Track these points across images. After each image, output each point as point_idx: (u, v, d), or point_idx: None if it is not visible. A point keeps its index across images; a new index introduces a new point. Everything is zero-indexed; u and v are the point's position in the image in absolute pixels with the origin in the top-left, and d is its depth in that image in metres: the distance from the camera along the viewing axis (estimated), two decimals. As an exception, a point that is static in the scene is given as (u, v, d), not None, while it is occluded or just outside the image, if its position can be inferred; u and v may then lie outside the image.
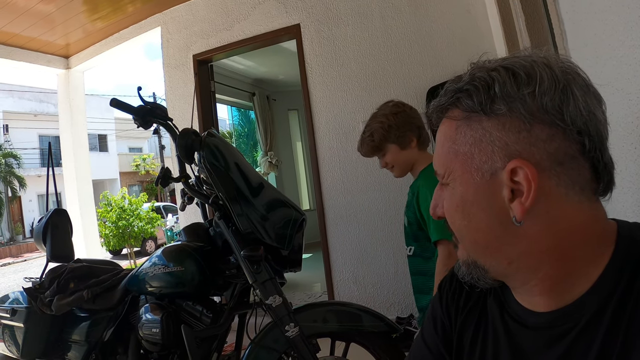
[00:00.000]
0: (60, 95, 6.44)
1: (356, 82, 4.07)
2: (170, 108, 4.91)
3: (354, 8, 4.10)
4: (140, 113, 2.08)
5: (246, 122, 10.79)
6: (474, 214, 0.76)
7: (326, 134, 4.19)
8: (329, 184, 4.18)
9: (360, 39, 4.08)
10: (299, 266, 2.20)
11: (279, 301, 1.93)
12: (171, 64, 5.05)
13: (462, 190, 0.77)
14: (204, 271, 2.08)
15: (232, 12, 4.69)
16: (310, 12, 4.29)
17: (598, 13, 1.15)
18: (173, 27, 5.08)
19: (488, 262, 0.78)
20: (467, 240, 0.80)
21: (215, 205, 2.06)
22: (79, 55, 6.13)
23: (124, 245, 12.03)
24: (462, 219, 0.78)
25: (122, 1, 4.86)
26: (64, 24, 5.18)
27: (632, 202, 1.05)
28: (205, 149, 2.02)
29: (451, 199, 0.80)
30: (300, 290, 5.82)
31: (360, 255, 4.03)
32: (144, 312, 2.10)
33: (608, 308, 0.67)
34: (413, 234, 2.05)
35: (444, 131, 0.81)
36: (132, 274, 2.30)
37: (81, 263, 2.55)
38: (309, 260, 7.41)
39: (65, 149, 6.45)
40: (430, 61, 3.82)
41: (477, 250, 0.79)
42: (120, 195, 12.07)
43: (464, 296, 0.94)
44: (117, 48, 5.73)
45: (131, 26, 5.42)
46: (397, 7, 3.94)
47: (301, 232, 2.15)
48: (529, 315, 0.78)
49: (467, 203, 0.77)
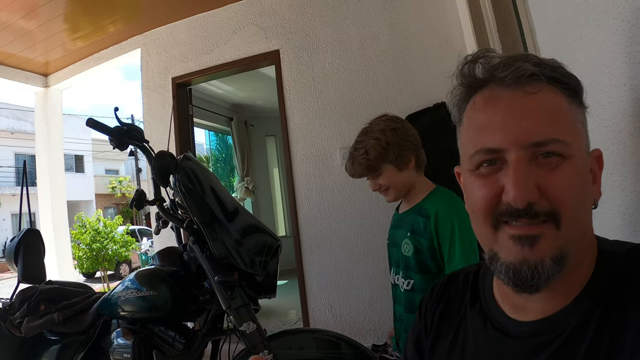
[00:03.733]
0: (37, 113, 6.35)
1: (334, 109, 4.09)
2: (148, 130, 4.88)
3: (333, 35, 4.14)
4: (117, 134, 2.06)
5: (224, 147, 10.80)
6: (588, 195, 0.75)
7: (303, 160, 4.19)
8: (305, 210, 4.17)
9: (339, 66, 4.11)
10: (274, 292, 2.15)
11: (253, 328, 1.90)
12: (150, 86, 5.04)
13: (582, 167, 0.74)
14: (177, 296, 2.05)
15: (212, 36, 4.71)
16: (289, 39, 4.32)
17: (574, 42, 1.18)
18: (153, 49, 5.07)
19: (579, 253, 0.74)
20: (579, 225, 0.73)
21: (190, 229, 2.03)
22: (58, 74, 6.08)
23: (98, 268, 11.87)
24: (582, 197, 0.73)
25: (104, 21, 4.85)
26: (44, 42, 5.14)
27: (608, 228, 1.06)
28: (181, 172, 2.00)
29: (575, 173, 0.72)
30: (275, 317, 5.77)
31: (335, 283, 4.00)
32: (116, 337, 2.06)
33: (593, 318, 0.69)
34: (419, 265, 1.83)
35: (553, 98, 0.75)
36: (105, 298, 2.26)
37: (53, 285, 2.49)
38: (285, 286, 7.37)
39: (40, 169, 6.34)
40: (408, 88, 3.86)
41: (581, 238, 0.74)
42: (95, 217, 11.93)
43: (440, 308, 0.96)
44: (96, 68, 5.68)
45: (111, 46, 5.39)
46: (375, 35, 3.99)
47: (276, 258, 2.11)
48: (513, 324, 0.79)
49: (584, 180, 0.74)
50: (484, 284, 0.92)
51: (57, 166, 6.44)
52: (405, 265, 1.88)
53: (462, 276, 0.99)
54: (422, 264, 1.83)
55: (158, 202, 2.10)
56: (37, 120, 6.40)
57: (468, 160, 0.79)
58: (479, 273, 0.97)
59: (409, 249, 1.86)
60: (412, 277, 1.85)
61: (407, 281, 1.87)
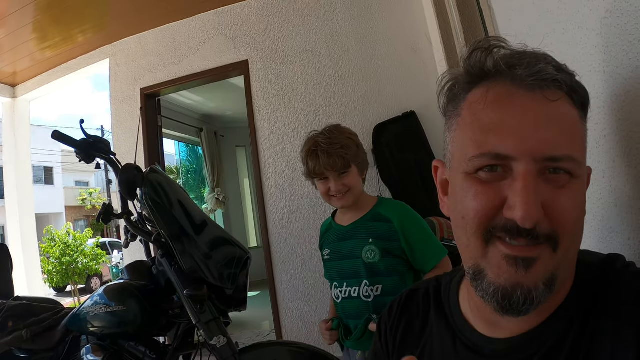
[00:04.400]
0: (4, 124, 6.21)
1: (303, 119, 4.10)
2: (116, 142, 4.84)
3: (302, 46, 4.17)
4: (83, 146, 2.04)
5: (194, 158, 10.74)
6: (584, 216, 0.70)
7: (273, 170, 4.20)
8: (275, 221, 4.16)
9: (308, 76, 4.14)
10: (244, 305, 2.15)
11: (224, 342, 1.89)
12: (118, 97, 4.99)
13: (584, 187, 0.70)
14: (146, 311, 2.02)
15: (181, 47, 4.70)
16: (258, 49, 4.33)
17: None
18: (122, 59, 5.03)
19: (567, 275, 0.70)
20: (575, 248, 0.69)
21: (158, 243, 2.01)
22: (26, 84, 5.97)
23: (68, 282, 11.70)
24: (582, 220, 0.69)
25: (72, 31, 4.80)
26: (12, 51, 5.05)
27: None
28: (147, 185, 1.98)
29: (580, 196, 0.69)
30: (248, 329, 5.72)
31: (307, 293, 4.00)
32: (85, 354, 2.03)
33: (569, 333, 0.66)
34: (388, 268, 1.85)
35: (567, 111, 0.69)
36: (73, 313, 2.22)
37: (20, 301, 2.44)
38: (257, 298, 7.36)
39: (8, 181, 6.20)
40: (377, 98, 3.90)
41: (572, 261, 0.71)
42: (64, 230, 11.76)
43: (402, 326, 0.92)
44: (65, 78, 5.61)
45: (80, 56, 5.33)
46: (344, 46, 4.03)
47: (245, 270, 2.11)
48: (486, 342, 0.74)
49: (584, 202, 0.70)
50: (449, 299, 0.87)
51: (26, 178, 6.32)
52: (370, 273, 1.87)
53: (422, 291, 0.94)
54: (391, 267, 1.85)
55: (126, 215, 2.08)
56: (4, 132, 6.25)
57: (466, 161, 0.70)
58: (441, 287, 0.92)
59: (374, 255, 1.86)
60: (380, 282, 1.85)
61: (375, 287, 1.85)
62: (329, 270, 2.06)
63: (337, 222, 2.06)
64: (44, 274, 9.39)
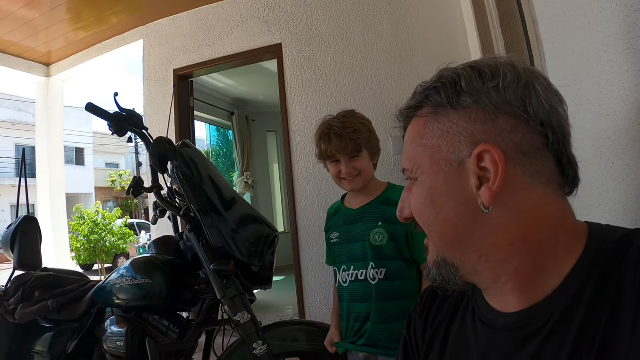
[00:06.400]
0: (38, 103, 6.31)
1: (335, 104, 4.04)
2: (148, 122, 4.85)
3: (336, 30, 4.13)
4: (116, 120, 2.05)
5: (224, 143, 10.75)
6: (443, 205, 0.76)
7: (303, 155, 4.17)
8: (303, 205, 4.14)
9: (341, 61, 4.10)
10: (270, 284, 2.15)
11: (248, 318, 1.90)
12: (151, 78, 5.02)
13: (430, 182, 0.77)
14: (172, 285, 2.04)
15: (215, 29, 4.70)
16: (292, 32, 4.31)
17: (576, 31, 1.16)
18: (155, 40, 5.06)
19: (458, 258, 0.77)
20: (437, 234, 0.78)
21: (187, 217, 2.02)
22: (60, 63, 6.05)
23: (95, 260, 11.88)
24: (431, 211, 0.78)
25: (106, 12, 4.83)
26: (46, 31, 5.12)
27: (610, 218, 1.05)
28: (179, 158, 1.98)
29: (420, 192, 0.79)
30: (271, 312, 5.75)
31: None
32: (109, 325, 2.05)
33: (580, 305, 0.66)
34: (395, 252, 1.88)
35: (412, 129, 0.83)
36: (100, 286, 2.25)
37: (48, 272, 2.48)
38: (282, 282, 7.39)
39: (40, 160, 6.30)
40: (410, 85, 3.82)
41: (446, 245, 0.78)
42: (93, 209, 11.92)
43: (433, 313, 0.93)
44: (98, 59, 5.67)
45: (113, 37, 5.37)
46: (378, 31, 3.98)
47: (273, 249, 2.11)
48: (499, 317, 0.77)
49: (436, 194, 0.76)
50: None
51: (57, 158, 6.40)
52: (378, 255, 1.90)
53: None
54: (397, 251, 1.88)
55: (155, 189, 2.08)
56: (38, 111, 6.36)
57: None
58: None
59: (382, 238, 1.90)
60: (385, 265, 1.88)
61: (380, 270, 1.88)
62: (337, 253, 2.07)
63: (347, 206, 2.09)
64: (72, 251, 9.54)
